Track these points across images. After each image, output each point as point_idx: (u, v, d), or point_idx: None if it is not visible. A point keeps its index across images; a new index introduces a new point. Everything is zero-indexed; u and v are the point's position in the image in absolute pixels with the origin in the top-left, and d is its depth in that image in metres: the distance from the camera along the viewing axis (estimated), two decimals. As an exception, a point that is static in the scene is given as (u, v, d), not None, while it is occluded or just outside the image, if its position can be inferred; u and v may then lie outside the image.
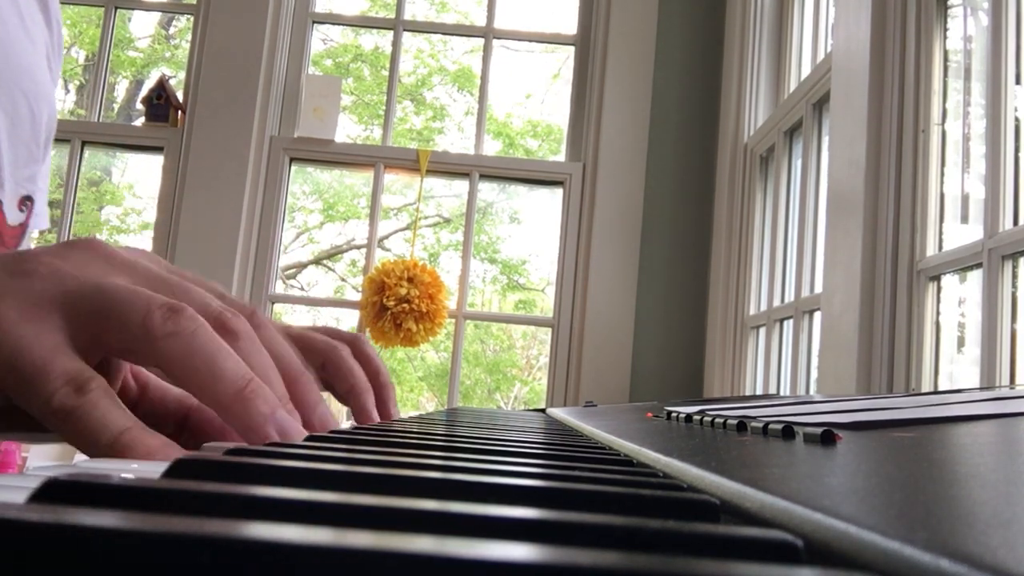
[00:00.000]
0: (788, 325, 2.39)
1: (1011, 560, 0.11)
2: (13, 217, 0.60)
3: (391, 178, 3.46)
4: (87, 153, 3.32)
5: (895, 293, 1.72)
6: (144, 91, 3.27)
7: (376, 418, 0.59)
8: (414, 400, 5.72)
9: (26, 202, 0.61)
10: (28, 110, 0.58)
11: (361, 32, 4.75)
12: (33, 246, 0.54)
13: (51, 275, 0.31)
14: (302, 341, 0.52)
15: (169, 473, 0.21)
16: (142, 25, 5.01)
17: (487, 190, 4.11)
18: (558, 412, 1.04)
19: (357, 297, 3.18)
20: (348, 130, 5.14)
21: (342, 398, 0.58)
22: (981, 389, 1.05)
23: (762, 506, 0.18)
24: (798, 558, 0.14)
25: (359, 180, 4.75)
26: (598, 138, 3.05)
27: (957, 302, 1.72)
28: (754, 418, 0.45)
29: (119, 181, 5.17)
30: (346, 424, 0.58)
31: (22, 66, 0.58)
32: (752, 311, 2.64)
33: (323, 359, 0.57)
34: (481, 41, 3.37)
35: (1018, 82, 1.51)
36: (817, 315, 2.15)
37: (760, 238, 2.66)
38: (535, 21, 3.53)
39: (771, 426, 0.40)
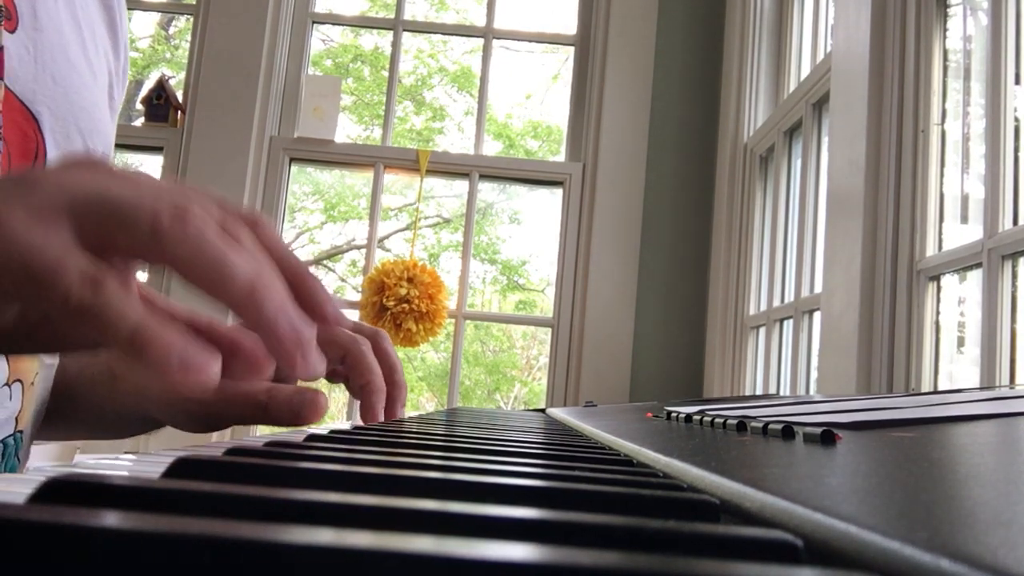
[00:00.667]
0: (788, 325, 2.39)
1: (1011, 560, 0.11)
2: None
3: (391, 178, 3.46)
4: (87, 153, 3.32)
5: (895, 293, 1.72)
6: (144, 91, 3.26)
7: (382, 419, 0.59)
8: (414, 400, 5.72)
9: None
10: (83, 146, 0.58)
11: (361, 32, 4.75)
12: None
13: (56, 184, 0.31)
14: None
15: (169, 473, 0.21)
16: (142, 25, 5.01)
17: (487, 190, 4.10)
18: (558, 412, 1.04)
19: (357, 297, 3.18)
20: (348, 130, 5.14)
21: (355, 391, 0.58)
22: (981, 389, 1.05)
23: (762, 506, 0.18)
24: (798, 558, 0.14)
25: (359, 180, 4.75)
26: (598, 138, 3.04)
27: (957, 302, 1.72)
28: (754, 418, 0.45)
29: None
30: (346, 424, 0.58)
31: (81, 104, 0.58)
32: (752, 311, 2.64)
33: (344, 352, 0.57)
34: (481, 41, 3.37)
35: (1018, 82, 1.51)
36: (817, 315, 2.15)
37: (760, 238, 2.66)
38: (535, 21, 3.53)
39: (771, 426, 0.40)
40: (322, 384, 0.78)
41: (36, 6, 0.56)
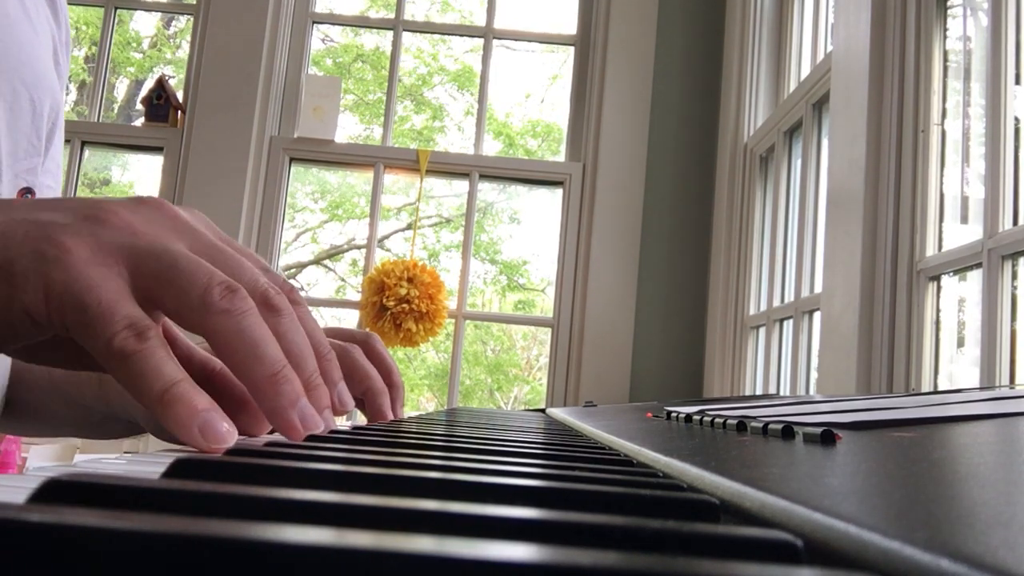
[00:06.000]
0: (788, 325, 2.39)
1: (1011, 560, 0.11)
2: None
3: (391, 178, 3.46)
4: (87, 153, 3.32)
5: (895, 293, 1.72)
6: (144, 91, 3.26)
7: (391, 418, 0.59)
8: (414, 400, 5.72)
9: (26, 194, 0.61)
10: (29, 101, 0.58)
11: (361, 32, 4.75)
12: None
13: (122, 226, 0.32)
14: None
15: (169, 473, 0.21)
16: (142, 25, 5.01)
17: (487, 190, 4.10)
18: (558, 412, 1.04)
19: (357, 297, 3.18)
20: (348, 130, 5.14)
21: (357, 400, 0.58)
22: (981, 389, 1.05)
23: (762, 506, 0.18)
24: (798, 558, 0.14)
25: (359, 180, 4.75)
26: (598, 138, 3.04)
27: (957, 302, 1.72)
28: (754, 418, 0.45)
29: (119, 181, 5.17)
30: (346, 425, 0.58)
31: (23, 58, 0.58)
32: (752, 311, 2.64)
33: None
34: (481, 41, 3.37)
35: (1018, 82, 1.51)
36: (817, 315, 2.15)
37: (760, 238, 2.66)
38: (535, 21, 3.53)
39: (771, 426, 0.40)
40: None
41: None
